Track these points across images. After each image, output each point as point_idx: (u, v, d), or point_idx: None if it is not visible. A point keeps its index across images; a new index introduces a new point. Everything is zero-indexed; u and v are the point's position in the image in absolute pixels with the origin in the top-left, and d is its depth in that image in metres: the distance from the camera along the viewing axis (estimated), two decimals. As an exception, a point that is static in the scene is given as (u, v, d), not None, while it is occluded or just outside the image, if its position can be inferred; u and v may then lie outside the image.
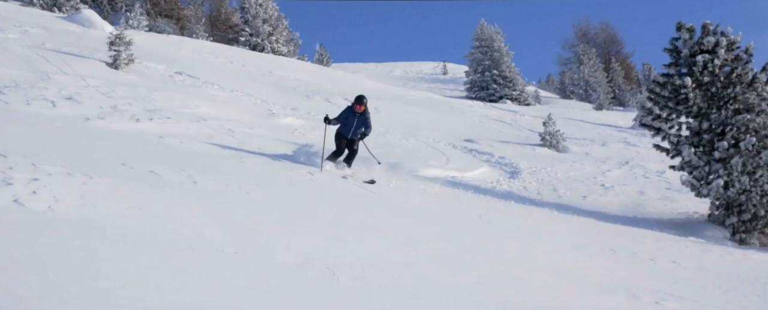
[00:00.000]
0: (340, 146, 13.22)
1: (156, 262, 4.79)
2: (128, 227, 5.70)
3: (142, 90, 18.22)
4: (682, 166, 16.38)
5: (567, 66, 66.18)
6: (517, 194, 16.90)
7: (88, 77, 17.94)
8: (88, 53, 22.26)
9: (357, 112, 13.07)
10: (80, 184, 6.74)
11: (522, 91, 48.78)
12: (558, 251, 10.53)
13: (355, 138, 13.24)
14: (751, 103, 15.67)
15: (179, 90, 20.26)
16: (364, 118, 13.15)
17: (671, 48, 16.81)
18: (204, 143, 13.83)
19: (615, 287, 8.32)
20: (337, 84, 33.26)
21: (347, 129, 13.19)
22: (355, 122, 13.06)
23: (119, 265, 4.50)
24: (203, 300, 4.06)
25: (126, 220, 5.93)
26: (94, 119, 13.85)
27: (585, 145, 25.57)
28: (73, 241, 4.96)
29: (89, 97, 15.84)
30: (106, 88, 17.21)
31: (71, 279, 3.96)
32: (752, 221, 15.30)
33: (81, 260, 4.42)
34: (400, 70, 66.54)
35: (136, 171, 8.88)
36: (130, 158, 9.83)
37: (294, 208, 9.00)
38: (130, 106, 15.81)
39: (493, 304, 5.92)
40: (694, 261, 11.86)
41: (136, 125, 14.14)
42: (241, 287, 4.64)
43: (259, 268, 5.36)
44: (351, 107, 13.16)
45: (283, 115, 20.65)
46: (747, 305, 8.46)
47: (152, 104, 16.78)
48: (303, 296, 4.81)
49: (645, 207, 17.28)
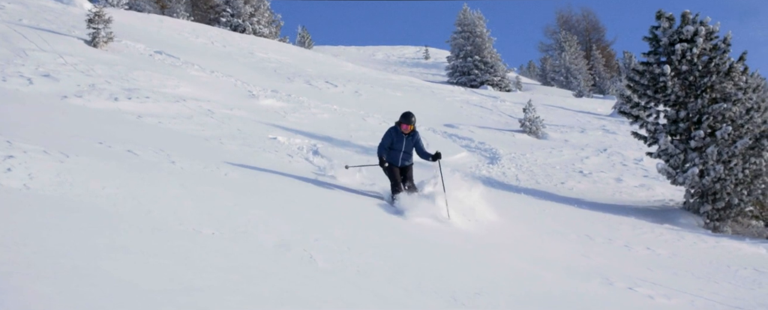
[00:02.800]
0: (393, 178, 10.21)
1: (133, 241, 4.77)
2: (105, 207, 5.66)
3: (121, 69, 18.04)
4: (659, 154, 16.55)
5: (548, 53, 66.55)
6: (495, 180, 16.98)
7: (66, 55, 17.73)
8: (66, 30, 21.97)
9: (404, 134, 10.23)
10: (56, 162, 6.68)
11: (503, 77, 48.90)
12: (535, 236, 10.62)
13: (408, 165, 10.40)
14: (728, 93, 15.83)
15: (159, 70, 20.08)
16: (414, 140, 10.33)
17: (651, 36, 16.94)
18: (183, 124, 13.75)
19: (590, 272, 8.42)
20: (318, 67, 33.13)
21: (396, 155, 10.27)
22: (403, 146, 10.22)
23: (95, 244, 4.47)
24: (182, 280, 4.05)
25: (102, 199, 5.89)
26: (71, 97, 13.69)
27: (564, 132, 25.73)
28: (48, 219, 4.92)
29: (67, 74, 15.66)
30: (84, 66, 17.02)
31: (46, 257, 3.93)
32: (726, 209, 15.51)
33: (56, 239, 4.39)
34: (382, 54, 66.37)
35: (113, 150, 8.82)
36: (107, 137, 9.76)
37: (273, 190, 8.98)
38: (109, 85, 15.65)
39: (470, 288, 5.97)
40: (669, 248, 12.01)
41: (114, 104, 14.01)
42: (219, 268, 4.63)
43: (237, 249, 5.35)
44: (396, 128, 10.27)
45: (263, 97, 20.55)
46: (718, 292, 8.59)
47: (131, 83, 16.63)
48: (281, 278, 4.82)
49: (622, 194, 17.45)
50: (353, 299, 4.77)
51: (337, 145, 16.29)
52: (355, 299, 4.81)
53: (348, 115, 21.36)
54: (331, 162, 13.78)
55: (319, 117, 19.90)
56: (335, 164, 13.48)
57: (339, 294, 4.81)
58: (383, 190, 10.59)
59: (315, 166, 13.24)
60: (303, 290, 4.64)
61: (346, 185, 11.14)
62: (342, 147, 16.16)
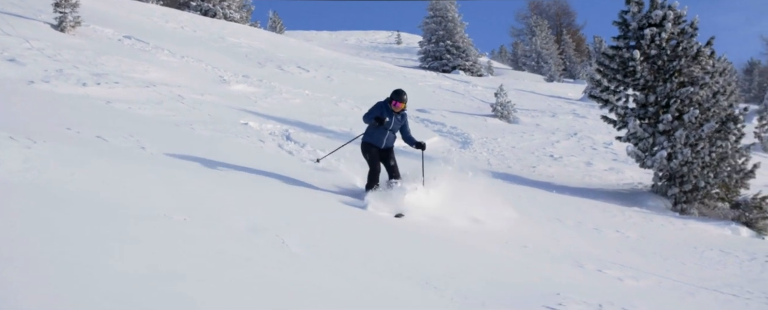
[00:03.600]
0: (372, 163, 9.12)
1: (103, 228, 4.73)
2: (74, 193, 5.61)
3: (89, 53, 17.77)
4: (628, 137, 16.75)
5: (519, 37, 66.91)
6: (467, 164, 17.07)
7: (32, 39, 17.40)
8: (32, 14, 21.55)
9: (394, 112, 9.14)
10: (23, 148, 6.58)
11: (475, 62, 49.04)
12: (506, 220, 10.70)
13: (390, 147, 9.33)
14: (696, 77, 16.05)
15: (128, 54, 19.81)
16: (403, 121, 9.36)
17: (620, 21, 17.09)
18: (153, 109, 13.60)
19: (561, 255, 8.53)
20: (290, 52, 32.93)
21: (381, 134, 9.17)
22: (391, 124, 9.16)
23: (65, 231, 4.43)
24: (154, 266, 4.03)
25: (72, 185, 5.83)
26: (38, 82, 13.46)
27: (535, 117, 25.93)
28: (16, 206, 4.87)
29: (33, 59, 15.38)
30: (51, 50, 16.73)
31: (16, 245, 3.89)
32: (693, 192, 15.78)
33: (25, 226, 4.34)
34: (354, 38, 66.14)
35: (82, 136, 8.72)
36: (76, 122, 9.64)
37: (244, 175, 8.95)
38: (77, 70, 15.41)
39: (442, 272, 6.02)
40: (637, 230, 12.21)
41: (82, 89, 13.80)
42: (191, 253, 4.62)
43: (208, 235, 5.33)
44: (385, 104, 9.17)
45: (234, 82, 20.38)
46: (685, 272, 8.76)
47: (100, 68, 16.39)
48: (256, 263, 4.82)
49: (592, 178, 17.66)
50: (328, 284, 4.79)
51: (309, 130, 16.24)
52: (330, 283, 4.83)
53: (320, 101, 21.29)
54: (303, 147, 13.75)
55: (291, 102, 19.81)
56: (308, 150, 13.46)
57: (314, 278, 4.82)
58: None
59: (287, 151, 13.20)
60: (279, 275, 4.65)
61: (318, 169, 11.13)
62: (314, 132, 16.12)
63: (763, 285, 8.39)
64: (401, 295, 5.04)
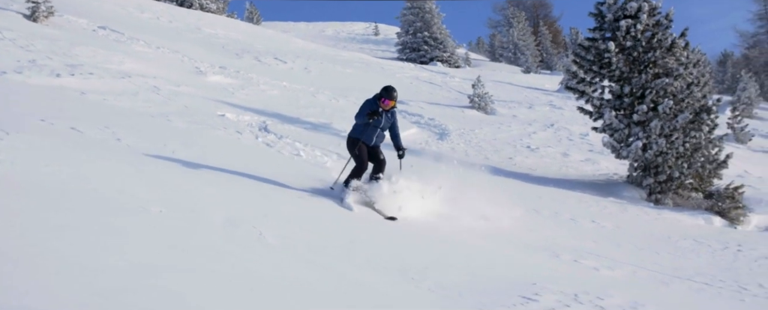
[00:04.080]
0: (360, 158, 8.79)
1: (78, 220, 4.68)
2: (48, 185, 5.54)
3: (62, 44, 17.55)
4: (604, 128, 16.91)
5: (497, 29, 67.10)
6: (445, 156, 17.10)
7: (4, 29, 17.14)
8: (4, 4, 21.23)
9: (384, 109, 8.80)
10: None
11: (452, 54, 49.10)
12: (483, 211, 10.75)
13: (379, 144, 8.98)
14: (670, 68, 16.22)
15: (103, 45, 19.59)
16: (393, 118, 9.01)
17: (596, 12, 17.23)
18: (129, 100, 13.48)
19: (537, 245, 8.60)
20: (267, 43, 32.76)
21: (371, 132, 8.83)
22: (381, 122, 8.81)
23: (39, 223, 4.38)
24: (130, 259, 4.00)
25: (46, 177, 5.76)
26: (10, 73, 13.28)
27: (512, 108, 26.04)
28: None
29: (5, 49, 15.16)
30: (23, 41, 16.50)
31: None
32: (667, 182, 15.96)
33: (1, 217, 4.29)
34: (332, 30, 65.90)
35: (56, 127, 8.62)
36: (50, 114, 9.52)
37: (221, 168, 8.90)
38: (50, 61, 15.21)
39: (420, 263, 6.05)
40: (613, 220, 12.34)
41: (56, 80, 13.63)
42: (168, 245, 4.59)
43: (185, 227, 5.30)
44: (374, 101, 8.79)
45: (211, 73, 20.25)
46: (659, 262, 8.87)
47: (74, 59, 16.20)
48: (234, 256, 4.81)
49: (568, 169, 17.80)
50: (307, 275, 4.80)
51: (287, 121, 16.19)
52: (309, 274, 4.83)
53: (298, 92, 21.22)
54: (281, 139, 13.70)
55: (269, 94, 19.72)
56: (285, 142, 13.43)
57: (291, 270, 4.82)
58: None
59: (264, 143, 13.16)
60: (257, 268, 4.64)
61: (296, 161, 11.11)
62: (292, 124, 16.08)
63: (734, 274, 8.52)
64: (378, 286, 5.06)
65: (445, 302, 4.89)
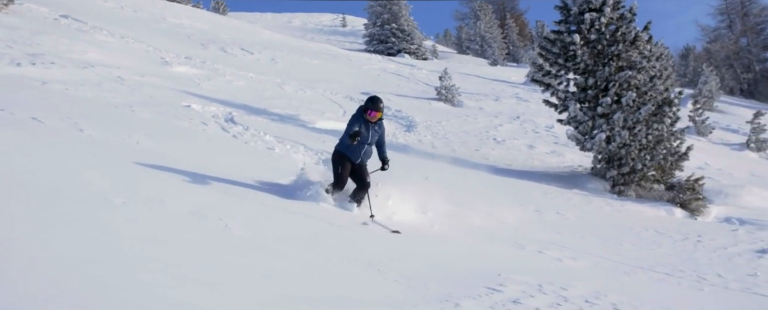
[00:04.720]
0: (340, 177, 8.16)
1: (40, 212, 4.60)
2: (8, 175, 5.43)
3: (23, 33, 17.20)
4: (569, 121, 17.09)
5: (464, 21, 67.16)
6: (412, 148, 17.17)
7: (-38, 18, 16.75)
8: (-39, -8, 20.70)
9: (371, 122, 8.08)
10: (-46, 130, 6.35)
11: (420, 46, 49.10)
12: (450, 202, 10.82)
13: (365, 163, 8.28)
14: (634, 61, 16.45)
15: (65, 34, 19.24)
16: (380, 131, 8.30)
17: (562, 5, 17.40)
18: (91, 90, 13.27)
19: (503, 236, 8.68)
20: (233, 33, 32.47)
21: (358, 149, 8.08)
22: (368, 137, 8.09)
23: (2, 214, 4.30)
24: (94, 250, 3.94)
25: (5, 168, 5.64)
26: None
27: (479, 100, 26.20)
28: (-53, 190, 4.70)
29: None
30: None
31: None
32: (630, 174, 16.19)
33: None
34: (299, 21, 65.48)
35: (16, 117, 8.46)
36: (10, 103, 9.33)
37: (186, 158, 8.81)
38: (10, 50, 14.90)
39: (386, 254, 6.07)
40: (577, 212, 12.50)
41: (16, 70, 13.36)
42: (131, 237, 4.54)
43: (149, 218, 5.24)
44: (359, 115, 8.08)
45: (176, 64, 20.01)
46: (622, 253, 9.02)
47: (35, 48, 15.88)
48: (199, 246, 4.77)
49: (534, 160, 17.97)
50: (273, 265, 4.79)
51: (253, 113, 16.09)
52: (275, 264, 4.82)
53: (264, 83, 21.08)
54: (247, 130, 13.61)
55: (235, 85, 19.57)
56: (251, 133, 13.33)
57: (257, 260, 4.80)
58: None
59: (230, 134, 13.06)
60: (222, 258, 4.62)
61: (262, 152, 11.05)
62: (258, 115, 15.98)
63: (694, 264, 8.70)
64: (345, 276, 5.07)
65: (412, 292, 4.91)
